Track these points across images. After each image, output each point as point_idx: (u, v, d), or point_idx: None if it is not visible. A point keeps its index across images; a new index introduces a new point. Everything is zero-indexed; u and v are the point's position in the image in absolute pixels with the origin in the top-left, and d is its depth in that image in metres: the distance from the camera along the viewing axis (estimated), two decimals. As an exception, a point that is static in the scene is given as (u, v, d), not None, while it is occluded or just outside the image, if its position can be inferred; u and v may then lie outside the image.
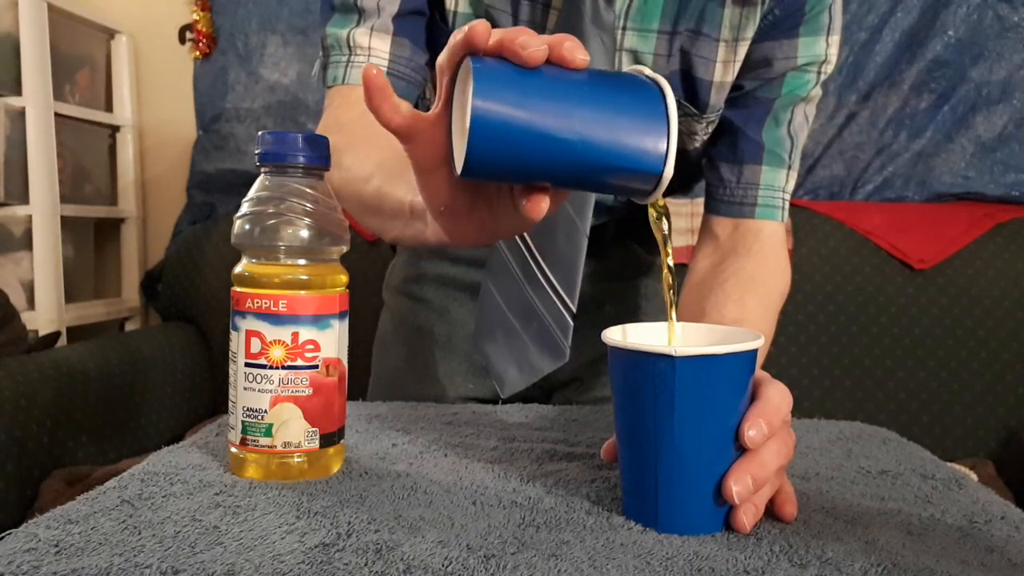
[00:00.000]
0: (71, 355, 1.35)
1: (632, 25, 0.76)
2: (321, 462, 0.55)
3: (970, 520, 0.51)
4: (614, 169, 0.43)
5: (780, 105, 0.81)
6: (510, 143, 0.41)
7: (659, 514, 0.47)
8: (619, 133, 0.42)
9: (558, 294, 0.79)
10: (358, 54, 0.77)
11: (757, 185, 0.82)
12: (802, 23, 0.78)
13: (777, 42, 0.79)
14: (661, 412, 0.46)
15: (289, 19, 1.80)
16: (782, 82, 0.81)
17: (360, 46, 0.77)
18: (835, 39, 0.80)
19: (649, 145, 0.43)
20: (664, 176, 0.43)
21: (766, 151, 0.81)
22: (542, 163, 0.42)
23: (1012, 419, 1.54)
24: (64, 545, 0.43)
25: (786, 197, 0.83)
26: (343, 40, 0.77)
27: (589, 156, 0.42)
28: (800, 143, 0.83)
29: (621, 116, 0.42)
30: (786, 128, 0.81)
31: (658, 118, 0.43)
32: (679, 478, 0.47)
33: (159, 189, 1.92)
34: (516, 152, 0.41)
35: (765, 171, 0.82)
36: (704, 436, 0.46)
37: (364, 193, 0.63)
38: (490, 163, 0.42)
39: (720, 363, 0.46)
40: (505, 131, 0.41)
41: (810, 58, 0.79)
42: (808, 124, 0.83)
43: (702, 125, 0.82)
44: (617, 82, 0.44)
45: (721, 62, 0.78)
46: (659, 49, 0.77)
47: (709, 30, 0.77)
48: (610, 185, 0.45)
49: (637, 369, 0.47)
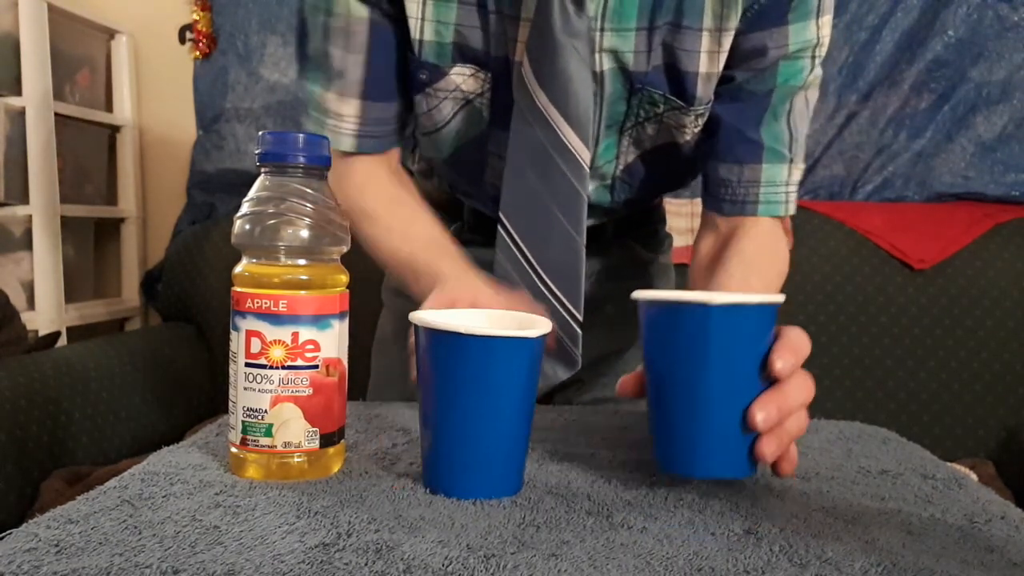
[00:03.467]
0: (71, 355, 1.35)
1: (609, 26, 0.76)
2: (321, 462, 0.55)
3: (970, 520, 0.51)
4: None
5: (777, 98, 0.80)
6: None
7: (695, 458, 0.52)
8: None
9: (563, 304, 0.79)
10: (331, 117, 0.80)
11: (758, 183, 0.81)
12: (790, 10, 0.77)
13: (767, 31, 0.78)
14: (695, 359, 0.51)
15: (289, 19, 1.80)
16: (775, 72, 0.79)
17: (333, 112, 0.80)
18: (826, 19, 0.78)
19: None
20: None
21: (766, 149, 0.80)
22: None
23: (1012, 419, 1.54)
24: (64, 545, 0.43)
25: (790, 190, 0.82)
26: (318, 99, 0.81)
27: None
28: (802, 133, 0.82)
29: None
30: (785, 120, 0.81)
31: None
32: (712, 422, 0.51)
33: (159, 189, 1.92)
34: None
35: (766, 168, 0.81)
36: (734, 381, 0.51)
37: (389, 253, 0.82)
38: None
39: (750, 313, 0.51)
40: None
41: (801, 44, 0.78)
42: (809, 110, 0.82)
43: (691, 118, 0.81)
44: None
45: (706, 52, 0.78)
46: (639, 46, 0.77)
47: (690, 21, 0.76)
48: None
49: (674, 319, 0.52)
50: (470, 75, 0.79)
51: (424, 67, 0.79)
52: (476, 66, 0.79)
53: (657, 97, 0.79)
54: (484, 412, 0.50)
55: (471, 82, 0.80)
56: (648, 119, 0.81)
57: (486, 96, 0.81)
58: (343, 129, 0.81)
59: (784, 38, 0.78)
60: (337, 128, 0.80)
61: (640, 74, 0.78)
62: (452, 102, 0.81)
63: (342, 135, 0.81)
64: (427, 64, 0.79)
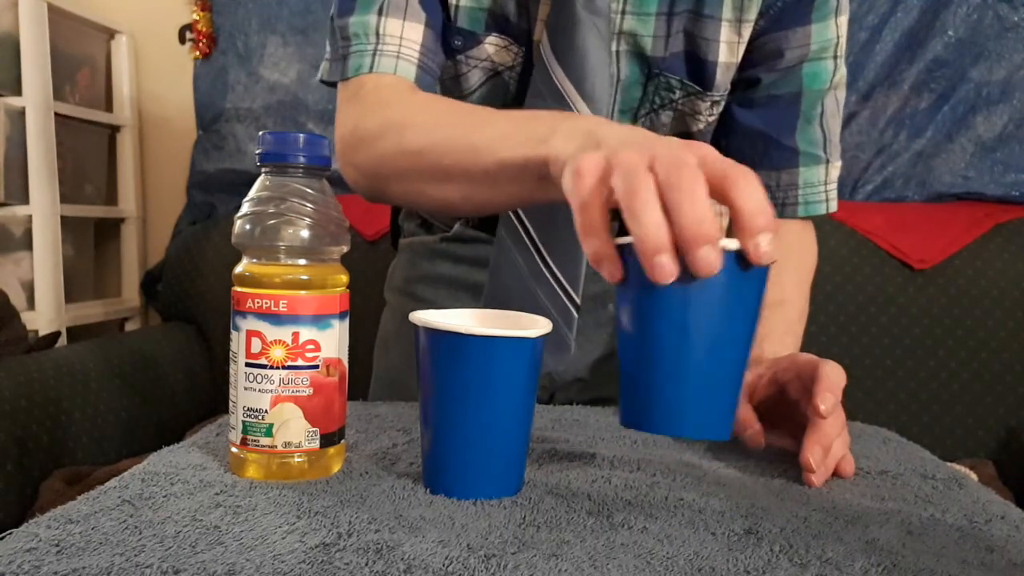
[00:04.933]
0: (71, 355, 1.35)
1: (630, 9, 0.76)
2: (321, 462, 0.55)
3: (970, 520, 0.51)
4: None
5: (807, 104, 0.81)
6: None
7: (670, 417, 0.47)
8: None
9: (562, 286, 0.79)
10: (387, 43, 0.75)
11: (796, 186, 0.83)
12: (813, 9, 0.78)
13: (790, 30, 0.79)
14: (675, 325, 0.46)
15: (289, 19, 1.80)
16: (799, 74, 0.81)
17: (391, 35, 0.75)
18: (844, 19, 0.80)
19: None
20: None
21: (801, 154, 0.82)
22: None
23: (1012, 419, 1.53)
24: (65, 545, 0.43)
25: (830, 188, 0.85)
26: (371, 27, 0.75)
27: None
28: (835, 133, 0.84)
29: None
30: (818, 123, 0.82)
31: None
32: (688, 380, 0.47)
33: (159, 189, 1.92)
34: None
35: (803, 172, 0.83)
36: (710, 340, 0.46)
37: (456, 160, 0.65)
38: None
39: (729, 261, 0.46)
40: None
41: (823, 43, 0.79)
42: (840, 110, 0.84)
43: (706, 104, 0.82)
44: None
45: (725, 42, 0.78)
46: (657, 31, 0.77)
47: (711, 11, 0.77)
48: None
49: (648, 284, 0.46)
50: (503, 47, 0.79)
51: (459, 33, 0.78)
52: (510, 38, 0.79)
53: (674, 83, 0.80)
54: (484, 412, 0.50)
55: (503, 54, 0.79)
56: (663, 106, 0.82)
57: (516, 71, 0.80)
58: (405, 54, 0.75)
59: (807, 37, 0.79)
60: (398, 52, 0.74)
61: (658, 59, 0.78)
62: (481, 71, 0.80)
63: (402, 60, 0.74)
64: (462, 31, 0.78)
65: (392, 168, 0.72)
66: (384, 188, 0.75)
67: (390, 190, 0.75)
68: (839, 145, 0.85)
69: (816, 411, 0.58)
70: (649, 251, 0.44)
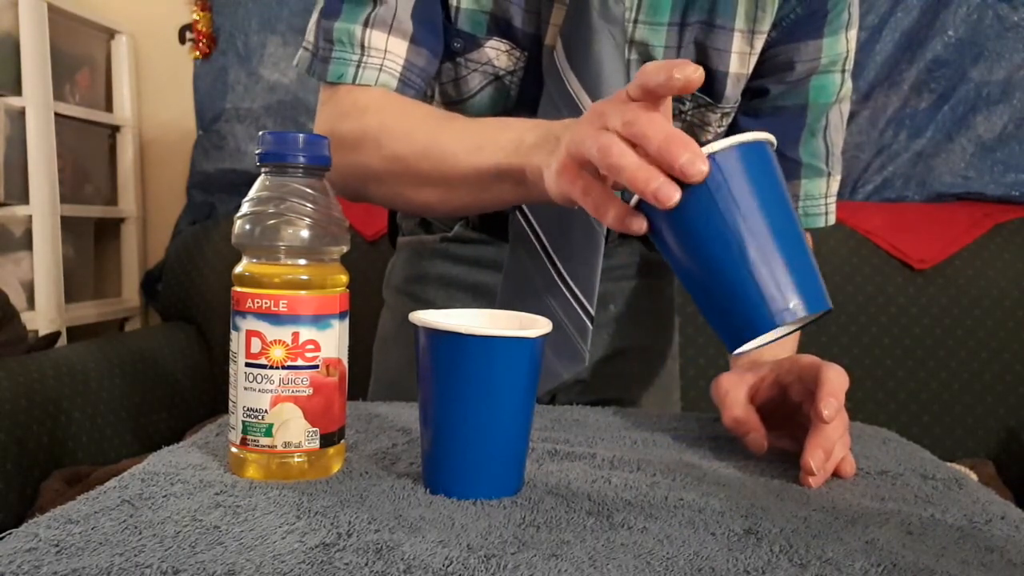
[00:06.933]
0: (71, 355, 1.35)
1: (643, 19, 0.76)
2: (321, 462, 0.55)
3: (970, 520, 0.51)
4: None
5: (813, 116, 0.81)
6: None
7: (785, 301, 0.49)
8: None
9: (576, 297, 0.78)
10: (371, 55, 0.74)
11: (797, 197, 0.83)
12: (826, 23, 0.78)
13: (802, 43, 0.79)
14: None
15: (289, 19, 1.80)
16: (807, 87, 0.81)
17: (376, 48, 0.74)
18: (853, 33, 0.81)
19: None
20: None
21: (803, 166, 0.82)
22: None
23: (1012, 419, 1.53)
24: (64, 545, 0.43)
25: (829, 201, 0.85)
26: (356, 38, 0.74)
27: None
28: (838, 146, 0.84)
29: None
30: (822, 136, 0.82)
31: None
32: (762, 272, 0.49)
33: (159, 189, 1.92)
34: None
35: (804, 184, 0.83)
36: (752, 234, 0.48)
37: (436, 164, 0.67)
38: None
39: (724, 159, 0.49)
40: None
41: (833, 57, 0.80)
42: (844, 123, 0.84)
43: (716, 116, 0.82)
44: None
45: (737, 53, 0.78)
46: (669, 42, 0.77)
47: (723, 21, 0.77)
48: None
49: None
50: (505, 51, 0.78)
51: (459, 36, 0.78)
52: (511, 43, 0.78)
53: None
54: (484, 412, 0.50)
55: (504, 58, 0.79)
56: (672, 116, 0.82)
57: (517, 76, 0.80)
58: (388, 67, 0.75)
59: (818, 51, 0.79)
60: (380, 65, 0.74)
61: None
62: (481, 75, 0.80)
63: (384, 72, 0.75)
64: (462, 33, 0.77)
65: (371, 173, 0.73)
66: (363, 191, 0.76)
67: (369, 193, 0.76)
68: (841, 158, 0.85)
69: (819, 416, 0.58)
70: (643, 186, 0.46)
